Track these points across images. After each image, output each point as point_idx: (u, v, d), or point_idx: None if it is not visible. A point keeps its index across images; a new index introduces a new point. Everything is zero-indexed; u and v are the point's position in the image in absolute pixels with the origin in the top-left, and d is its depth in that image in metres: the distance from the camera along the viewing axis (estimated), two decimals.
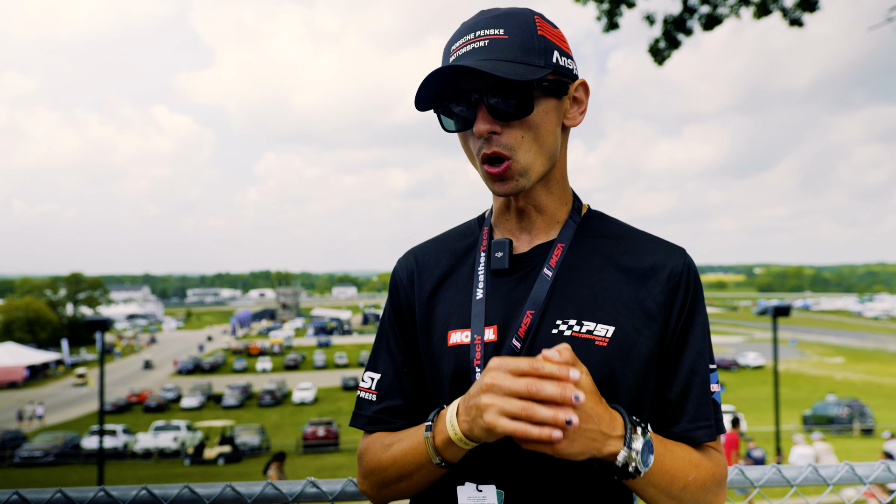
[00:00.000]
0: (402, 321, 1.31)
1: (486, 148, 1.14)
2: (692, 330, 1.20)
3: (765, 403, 36.20)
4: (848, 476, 1.70)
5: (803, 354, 70.41)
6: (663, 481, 1.09)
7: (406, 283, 1.32)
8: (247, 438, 30.30)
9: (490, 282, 1.22)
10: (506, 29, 1.12)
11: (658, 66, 8.19)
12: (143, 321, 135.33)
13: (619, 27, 8.01)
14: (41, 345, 72.04)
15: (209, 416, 40.25)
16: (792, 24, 7.36)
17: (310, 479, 1.60)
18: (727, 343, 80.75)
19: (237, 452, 29.06)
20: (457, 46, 1.15)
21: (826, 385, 47.90)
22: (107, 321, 19.28)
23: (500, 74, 1.06)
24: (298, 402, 45.24)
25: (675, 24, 7.96)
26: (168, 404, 44.77)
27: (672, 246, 1.23)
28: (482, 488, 1.12)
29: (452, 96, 1.15)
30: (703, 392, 1.19)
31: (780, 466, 1.68)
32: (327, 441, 31.09)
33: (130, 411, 43.85)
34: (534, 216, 1.24)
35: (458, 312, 1.22)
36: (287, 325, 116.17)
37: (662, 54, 8.09)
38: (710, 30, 7.87)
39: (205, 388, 48.59)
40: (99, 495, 1.59)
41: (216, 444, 29.86)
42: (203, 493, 1.60)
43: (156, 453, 30.62)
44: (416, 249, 1.36)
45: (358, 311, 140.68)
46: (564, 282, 1.18)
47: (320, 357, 66.86)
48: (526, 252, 1.23)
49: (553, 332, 1.14)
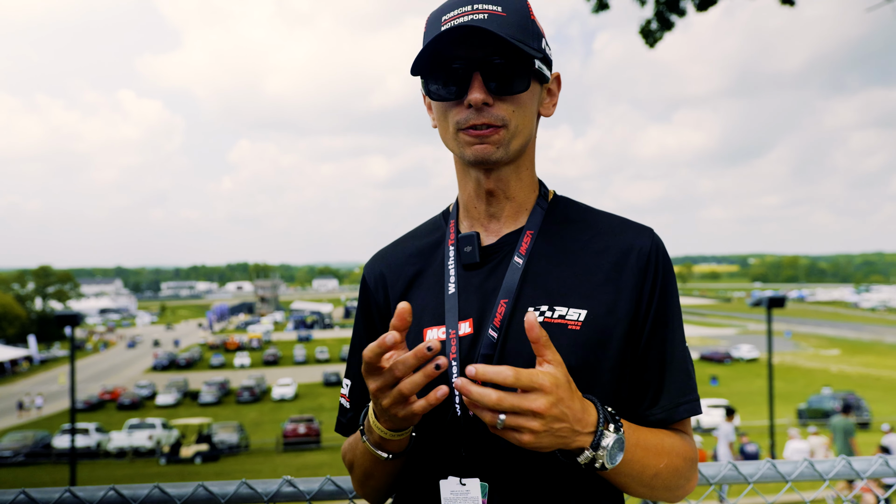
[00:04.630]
0: (371, 326, 1.36)
1: (475, 118, 1.16)
2: (666, 309, 1.23)
3: (759, 397, 36.61)
4: (845, 471, 1.71)
5: (798, 347, 71.27)
6: (633, 471, 1.13)
7: (374, 289, 1.36)
8: (225, 436, 30.26)
9: (461, 276, 1.25)
10: (504, 7, 1.16)
11: (649, 48, 8.19)
12: (116, 315, 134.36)
13: (608, 7, 8.00)
14: (9, 341, 71.23)
15: (185, 413, 40.11)
16: (784, 2, 7.37)
17: (286, 477, 1.59)
18: (720, 335, 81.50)
19: (215, 451, 29.02)
20: (451, 16, 1.16)
21: (821, 378, 48.50)
22: (77, 316, 19.12)
23: (515, 43, 1.11)
24: (278, 398, 45.19)
25: (667, 4, 7.95)
26: (143, 402, 44.56)
27: (640, 226, 1.27)
28: (465, 482, 1.15)
29: (445, 63, 1.17)
30: (682, 370, 1.23)
31: (774, 461, 1.69)
32: (308, 439, 31.10)
33: (103, 409, 43.63)
34: (503, 202, 1.27)
35: (432, 309, 1.25)
36: (266, 318, 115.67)
37: (654, 36, 8.08)
38: (705, 10, 7.87)
39: (181, 384, 48.39)
40: (65, 496, 1.57)
41: (193, 443, 29.82)
42: (174, 493, 1.58)
43: (130, 452, 30.51)
44: (383, 252, 1.40)
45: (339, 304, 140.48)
46: (535, 269, 1.22)
47: (301, 352, 66.71)
48: (495, 242, 1.26)
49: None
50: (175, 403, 43.95)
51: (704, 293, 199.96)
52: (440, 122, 1.24)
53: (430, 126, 1.30)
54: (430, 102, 1.29)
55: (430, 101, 1.29)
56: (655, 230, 1.28)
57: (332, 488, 1.58)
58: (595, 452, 1.05)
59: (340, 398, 1.39)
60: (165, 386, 48.25)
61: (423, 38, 1.22)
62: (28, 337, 69.26)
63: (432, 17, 1.21)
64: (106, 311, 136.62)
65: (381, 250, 1.41)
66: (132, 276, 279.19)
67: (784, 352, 64.69)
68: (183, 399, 45.89)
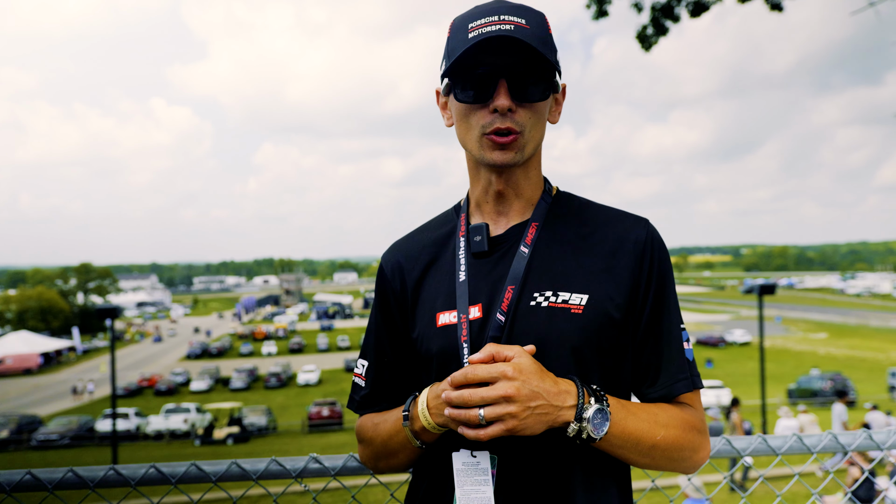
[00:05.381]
0: (387, 312, 1.37)
1: (500, 122, 1.18)
2: (663, 293, 1.25)
3: (751, 378, 36.41)
4: (831, 444, 1.70)
5: (788, 331, 70.73)
6: (628, 443, 1.15)
7: (390, 276, 1.37)
8: (254, 419, 30.43)
9: (471, 264, 1.28)
10: (527, 20, 1.18)
11: (645, 52, 8.14)
12: (152, 308, 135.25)
13: (608, 15, 7.95)
14: (54, 333, 71.95)
15: (217, 398, 40.38)
16: (773, 8, 7.31)
17: (312, 455, 1.60)
18: (715, 321, 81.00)
19: (245, 433, 29.19)
20: (478, 24, 1.17)
21: (810, 360, 48.13)
22: (117, 309, 19.31)
23: (542, 52, 1.15)
24: (303, 383, 45.36)
25: (662, 11, 7.89)
26: (178, 388, 44.87)
27: (636, 217, 1.29)
28: (476, 454, 1.18)
29: (472, 68, 1.18)
30: (678, 349, 1.25)
31: (765, 436, 1.69)
32: (331, 420, 31.26)
33: (142, 395, 43.98)
34: (511, 199, 1.29)
35: (444, 295, 1.28)
36: (291, 310, 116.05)
37: (650, 41, 8.03)
38: (698, 16, 7.81)
39: (213, 371, 48.70)
40: (109, 474, 1.58)
41: (225, 425, 30.00)
42: (210, 469, 1.60)
43: (167, 435, 30.76)
44: (399, 243, 1.42)
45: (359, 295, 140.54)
46: (540, 257, 1.24)
47: (323, 340, 66.99)
48: (502, 234, 1.29)
49: (531, 304, 1.20)
50: (208, 389, 44.24)
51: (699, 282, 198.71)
52: (460, 124, 1.24)
53: (444, 126, 1.30)
54: (445, 103, 1.30)
55: (445, 102, 1.29)
56: (652, 222, 1.29)
57: (355, 464, 1.59)
58: (580, 424, 1.08)
59: (355, 377, 1.42)
60: (199, 373, 48.59)
61: (447, 41, 1.23)
62: (72, 329, 69.82)
63: (458, 22, 1.21)
64: (143, 304, 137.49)
65: (397, 241, 1.42)
66: (166, 272, 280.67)
67: (775, 336, 64.23)
68: (215, 385, 46.16)
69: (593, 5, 7.94)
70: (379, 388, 1.38)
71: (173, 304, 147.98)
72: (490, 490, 1.16)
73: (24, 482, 1.56)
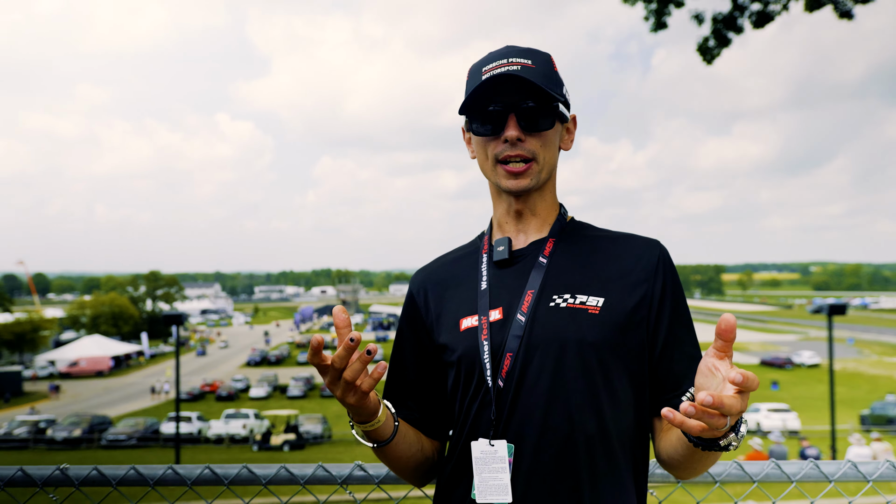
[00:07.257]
0: (414, 329, 1.48)
1: (510, 151, 1.34)
2: (676, 311, 1.33)
3: (820, 402, 34.76)
4: (889, 472, 1.64)
5: (861, 353, 67.22)
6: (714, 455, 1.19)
7: (416, 293, 1.50)
8: (310, 427, 30.92)
9: (493, 274, 1.40)
10: (533, 60, 1.35)
11: (707, 64, 7.97)
12: (215, 316, 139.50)
13: (667, 27, 7.84)
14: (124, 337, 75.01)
15: (275, 405, 41.22)
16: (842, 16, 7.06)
17: (357, 462, 1.64)
18: (781, 341, 77.83)
19: (301, 440, 29.68)
20: (490, 67, 1.34)
21: (886, 384, 45.59)
22: (182, 316, 20.04)
23: (543, 86, 1.29)
24: None
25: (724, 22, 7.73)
26: (238, 394, 46.02)
27: (648, 239, 1.39)
28: (494, 443, 1.26)
29: (486, 105, 1.34)
30: (698, 358, 1.30)
31: (818, 462, 1.64)
32: None
33: (204, 400, 45.30)
34: (529, 218, 1.42)
35: (468, 302, 1.40)
36: None
37: (712, 53, 7.87)
38: (762, 27, 7.62)
39: (271, 379, 49.74)
40: (167, 473, 1.67)
41: (282, 432, 30.56)
42: (260, 473, 1.66)
43: (227, 439, 31.57)
44: (426, 267, 1.55)
45: None
46: (557, 268, 1.36)
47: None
48: (524, 248, 1.41)
49: (551, 304, 1.31)
50: (266, 396, 45.20)
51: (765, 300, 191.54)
52: (479, 154, 1.41)
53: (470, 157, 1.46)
54: (469, 138, 1.45)
55: (469, 137, 1.45)
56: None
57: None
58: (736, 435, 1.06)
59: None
60: (258, 380, 49.72)
61: (465, 85, 1.40)
62: (141, 334, 72.80)
63: (474, 68, 1.38)
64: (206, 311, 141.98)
65: (424, 266, 1.55)
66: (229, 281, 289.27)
67: (847, 358, 61.15)
68: (273, 392, 47.14)
69: (651, 17, 7.85)
70: (397, 400, 1.47)
71: (235, 311, 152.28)
72: (507, 477, 1.24)
73: (90, 477, 1.67)
